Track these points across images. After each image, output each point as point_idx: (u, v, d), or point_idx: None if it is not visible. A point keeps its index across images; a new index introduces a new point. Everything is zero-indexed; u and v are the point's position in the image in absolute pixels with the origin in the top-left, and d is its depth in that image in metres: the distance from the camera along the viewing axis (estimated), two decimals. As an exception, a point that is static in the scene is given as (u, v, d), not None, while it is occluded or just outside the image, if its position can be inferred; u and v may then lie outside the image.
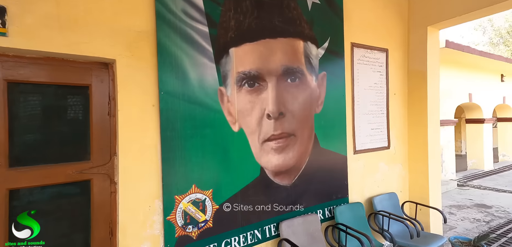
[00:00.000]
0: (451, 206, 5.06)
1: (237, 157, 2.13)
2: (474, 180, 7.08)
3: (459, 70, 7.52)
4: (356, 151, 2.91)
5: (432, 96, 3.19)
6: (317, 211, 2.59)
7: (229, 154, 2.10)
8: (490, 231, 3.49)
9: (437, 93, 3.24)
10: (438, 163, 3.25)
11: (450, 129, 7.25)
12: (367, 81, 3.02)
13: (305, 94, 2.50)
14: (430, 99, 3.17)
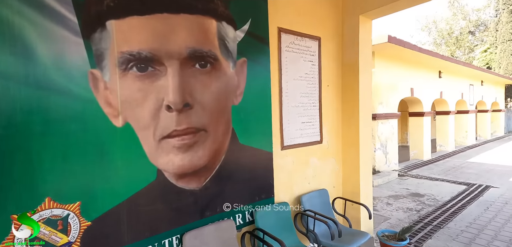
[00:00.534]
0: (390, 196, 5.25)
1: (121, 159, 1.71)
2: (414, 170, 7.57)
3: (403, 66, 7.94)
4: (284, 146, 2.68)
5: (363, 89, 3.10)
6: (235, 216, 2.29)
7: (108, 155, 1.66)
8: (413, 224, 3.60)
9: (369, 85, 3.16)
10: (369, 158, 3.19)
11: (394, 122, 7.64)
12: (297, 71, 2.80)
13: (220, 83, 2.16)
14: (361, 92, 3.07)
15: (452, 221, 3.96)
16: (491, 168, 7.33)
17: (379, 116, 7.06)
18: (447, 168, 7.57)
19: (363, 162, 3.11)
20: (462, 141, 11.93)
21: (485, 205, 4.57)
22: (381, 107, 7.18)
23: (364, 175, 3.13)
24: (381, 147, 7.22)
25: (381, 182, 6.15)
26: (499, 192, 5.26)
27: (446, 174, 6.88)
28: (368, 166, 3.19)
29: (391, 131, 7.53)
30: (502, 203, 4.63)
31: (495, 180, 6.18)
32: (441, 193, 5.35)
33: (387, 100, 7.37)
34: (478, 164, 8.02)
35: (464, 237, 3.46)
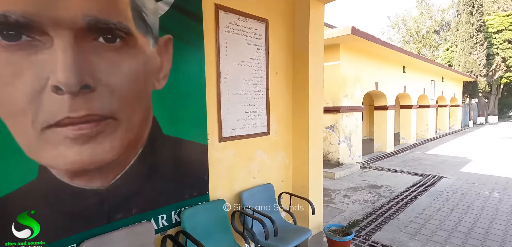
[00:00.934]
0: (349, 188, 5.26)
1: (-22, 153, 1.33)
2: (376, 162, 7.77)
3: (368, 59, 8.04)
4: (223, 138, 2.42)
5: (314, 78, 2.92)
6: (158, 218, 2.00)
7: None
8: (362, 218, 3.56)
9: (319, 75, 2.99)
10: (319, 151, 3.05)
11: (358, 115, 7.75)
12: (239, 55, 2.53)
13: (135, 63, 1.82)
14: (312, 82, 2.90)
15: (403, 212, 4.01)
16: (446, 160, 7.74)
17: (344, 109, 7.09)
18: (407, 160, 7.86)
19: (312, 155, 2.96)
20: (423, 134, 12.60)
21: (435, 195, 4.72)
22: (346, 100, 7.21)
23: (313, 169, 2.98)
24: (345, 139, 7.28)
25: (343, 174, 6.18)
26: (449, 182, 5.51)
27: (404, 166, 7.13)
28: (318, 159, 3.05)
29: (355, 124, 7.62)
30: (450, 193, 4.82)
31: (448, 170, 6.50)
32: (397, 184, 5.48)
33: (352, 93, 7.43)
34: (435, 155, 8.45)
35: (411, 228, 3.48)
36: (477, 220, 3.68)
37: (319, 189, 3.10)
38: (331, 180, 5.89)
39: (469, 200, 4.45)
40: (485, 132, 14.45)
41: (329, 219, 3.81)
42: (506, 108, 24.52)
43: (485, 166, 6.87)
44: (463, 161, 7.44)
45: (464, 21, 17.97)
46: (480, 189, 5.01)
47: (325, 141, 7.38)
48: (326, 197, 4.77)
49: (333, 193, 5.03)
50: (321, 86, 3.03)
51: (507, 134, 13.25)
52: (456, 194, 4.78)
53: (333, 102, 7.10)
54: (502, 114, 23.79)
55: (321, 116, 3.05)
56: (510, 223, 3.56)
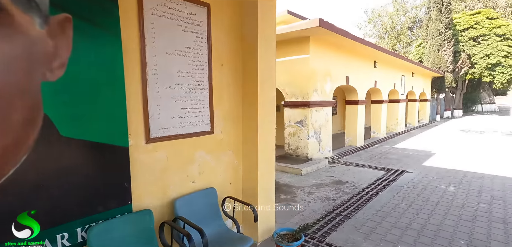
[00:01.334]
0: (313, 185, 5.16)
1: None
2: (345, 156, 7.80)
3: (338, 54, 7.97)
4: (152, 139, 2.10)
5: (264, 70, 2.66)
6: (55, 237, 1.66)
7: None
8: (310, 224, 3.35)
9: (270, 66, 2.74)
10: (271, 150, 2.83)
11: (328, 110, 7.70)
12: (173, 44, 2.19)
13: (9, 47, 1.43)
14: (261, 74, 2.64)
15: (362, 210, 3.95)
16: (411, 154, 7.95)
17: (313, 104, 6.97)
18: (375, 154, 7.98)
19: (262, 155, 2.73)
20: (393, 128, 12.99)
21: (395, 191, 4.74)
22: (316, 95, 7.10)
23: (264, 169, 2.76)
24: (315, 134, 7.20)
25: (310, 170, 6.09)
26: (411, 176, 5.60)
27: (371, 160, 7.20)
28: (269, 159, 2.83)
29: (325, 119, 7.57)
30: (410, 188, 4.87)
31: (411, 164, 6.64)
32: (361, 179, 5.47)
33: (322, 88, 7.33)
34: (401, 149, 8.67)
35: (367, 227, 3.41)
36: (431, 216, 3.69)
37: (271, 190, 2.89)
38: (298, 176, 5.77)
39: (426, 195, 4.50)
40: (450, 126, 15.26)
41: (286, 220, 3.64)
42: (470, 102, 26.21)
43: (445, 159, 7.12)
44: (426, 155, 7.67)
45: (434, 18, 18.68)
46: (438, 183, 5.12)
47: (294, 136, 7.26)
48: (288, 195, 4.62)
49: (297, 190, 4.89)
50: (273, 80, 2.79)
51: (468, 128, 14.06)
52: (415, 189, 4.84)
53: (303, 97, 6.96)
54: (466, 108, 25.39)
55: (273, 113, 2.82)
56: (460, 218, 3.60)
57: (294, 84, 7.11)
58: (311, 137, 7.05)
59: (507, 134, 11.56)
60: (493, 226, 3.38)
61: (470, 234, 3.18)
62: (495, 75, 18.76)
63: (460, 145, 9.33)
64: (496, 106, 30.37)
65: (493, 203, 4.11)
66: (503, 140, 10.22)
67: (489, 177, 5.45)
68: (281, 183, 5.34)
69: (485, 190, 4.67)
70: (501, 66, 18.45)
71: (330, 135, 7.84)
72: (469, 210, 3.88)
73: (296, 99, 7.09)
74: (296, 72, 7.05)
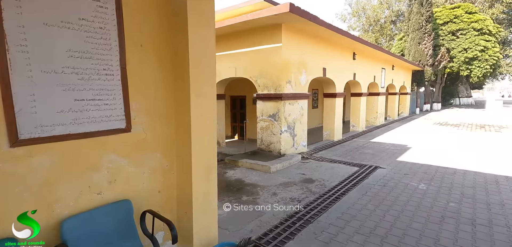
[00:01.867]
0: (280, 184, 4.79)
1: None
2: (321, 151, 7.51)
3: (315, 44, 7.59)
4: (21, 141, 1.58)
5: (198, 52, 2.19)
6: None
7: None
8: (252, 239, 2.84)
9: (209, 47, 2.26)
10: (210, 149, 2.37)
11: (303, 103, 7.34)
12: (55, 12, 1.66)
13: None
14: (194, 54, 2.16)
15: (326, 213, 3.61)
16: (387, 148, 7.78)
17: (286, 96, 6.57)
18: (350, 149, 7.74)
19: (199, 156, 2.27)
20: (373, 121, 12.91)
21: (365, 189, 4.46)
22: (289, 87, 6.70)
23: (200, 173, 2.31)
24: (289, 129, 6.84)
25: (280, 167, 5.72)
26: (384, 173, 5.36)
27: (346, 155, 6.95)
28: (208, 160, 2.38)
29: (300, 112, 7.21)
30: (381, 186, 4.60)
31: (386, 159, 6.43)
32: (332, 177, 5.17)
33: (296, 79, 6.94)
34: (378, 144, 8.51)
35: (327, 234, 3.06)
36: (397, 218, 3.41)
37: (211, 198, 2.45)
38: (266, 174, 5.38)
39: (396, 194, 4.24)
40: (428, 119, 15.45)
41: (241, 227, 3.24)
42: (449, 96, 26.92)
43: (420, 154, 6.98)
44: (402, 149, 7.52)
45: (415, 11, 18.74)
46: (410, 180, 4.90)
47: (266, 131, 6.86)
48: (251, 196, 4.22)
49: (262, 190, 4.50)
50: (212, 65, 2.31)
51: (444, 121, 14.26)
52: (386, 186, 4.58)
53: (275, 89, 6.54)
54: (445, 101, 26.06)
55: (212, 105, 2.35)
56: (428, 220, 3.34)
57: (266, 76, 6.67)
58: (284, 131, 6.68)
59: (480, 127, 11.76)
60: (460, 228, 3.13)
61: (436, 240, 2.90)
62: (472, 69, 19.19)
63: (436, 138, 9.30)
64: (472, 100, 31.47)
65: (462, 202, 3.90)
66: (477, 133, 10.33)
67: (461, 172, 5.30)
68: (246, 182, 4.93)
69: (456, 187, 4.48)
70: (477, 60, 18.88)
71: (305, 130, 7.51)
72: (438, 210, 3.64)
73: (268, 91, 6.67)
74: (268, 62, 6.60)
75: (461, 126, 12.07)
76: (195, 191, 2.29)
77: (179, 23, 2.17)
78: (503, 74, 28.58)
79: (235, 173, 5.50)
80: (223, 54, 7.45)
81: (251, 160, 5.97)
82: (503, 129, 11.07)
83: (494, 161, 6.17)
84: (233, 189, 4.58)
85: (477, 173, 5.25)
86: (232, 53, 7.25)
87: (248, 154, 6.65)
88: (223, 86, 8.08)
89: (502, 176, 5.03)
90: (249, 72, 7.00)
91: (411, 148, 7.67)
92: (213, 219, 2.49)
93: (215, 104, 2.40)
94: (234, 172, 5.57)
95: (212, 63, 2.32)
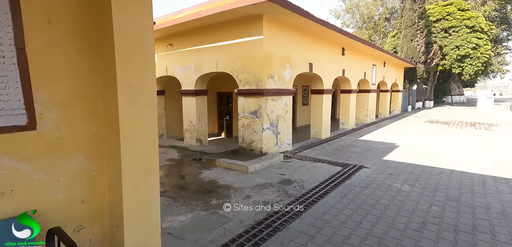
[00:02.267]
0: (256, 186, 4.45)
1: None
2: (306, 150, 7.20)
3: (300, 37, 7.23)
4: None
5: (127, 36, 1.82)
6: None
7: None
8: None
9: (142, 28, 1.89)
10: (150, 149, 2.01)
11: (288, 99, 7.00)
12: None
13: None
14: (121, 41, 1.79)
15: (299, 218, 3.29)
16: (374, 146, 7.51)
17: (268, 92, 6.23)
18: (337, 148, 7.45)
19: (131, 157, 1.91)
20: (363, 119, 12.66)
21: (345, 191, 4.15)
22: (272, 82, 6.35)
23: (134, 179, 1.94)
24: (271, 126, 6.50)
25: (259, 167, 5.38)
26: (367, 173, 5.07)
27: (331, 154, 6.65)
28: (147, 162, 2.02)
29: (284, 109, 6.87)
30: (362, 188, 4.30)
31: (371, 158, 6.15)
32: (313, 177, 4.86)
33: (280, 74, 6.59)
34: (366, 142, 8.24)
35: (295, 244, 2.74)
36: (375, 225, 3.10)
37: (150, 207, 2.09)
38: (243, 175, 5.04)
39: (377, 196, 3.94)
40: (420, 117, 15.29)
41: (203, 235, 2.90)
42: (441, 94, 26.91)
43: (407, 153, 6.73)
44: (389, 148, 7.26)
45: (408, 8, 18.52)
46: (394, 180, 4.61)
47: (248, 129, 6.51)
48: (221, 200, 3.87)
49: (235, 193, 4.16)
50: (147, 51, 1.94)
51: (435, 118, 14.11)
52: (368, 188, 4.28)
53: (256, 84, 6.18)
54: (437, 99, 26.04)
55: (150, 98, 1.98)
56: (408, 227, 3.04)
57: (248, 70, 6.31)
58: (266, 129, 6.33)
59: (471, 125, 11.61)
60: (442, 236, 2.84)
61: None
62: (464, 67, 19.10)
63: (425, 136, 9.08)
64: (464, 98, 31.62)
65: (446, 205, 3.62)
66: (467, 131, 10.16)
67: (448, 172, 5.04)
68: (220, 184, 4.59)
69: (440, 189, 4.21)
70: (469, 58, 18.79)
71: (290, 127, 7.18)
72: (419, 215, 3.35)
73: (250, 86, 6.31)
74: (249, 56, 6.23)
75: (451, 124, 11.91)
76: (127, 200, 1.92)
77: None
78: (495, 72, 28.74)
79: (210, 173, 5.15)
80: (204, 47, 7.06)
81: (229, 160, 5.62)
82: (493, 127, 10.93)
83: (482, 160, 5.93)
84: (203, 192, 4.23)
85: (464, 173, 4.99)
86: (213, 46, 6.87)
87: (228, 153, 6.30)
88: (206, 81, 7.70)
89: (489, 176, 4.78)
90: (231, 66, 6.62)
91: (399, 147, 7.42)
92: (154, 232, 2.13)
93: (154, 98, 2.03)
94: (210, 172, 5.22)
95: (149, 48, 1.95)
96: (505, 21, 24.79)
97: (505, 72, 28.45)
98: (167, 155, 6.75)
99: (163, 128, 9.26)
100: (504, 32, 25.89)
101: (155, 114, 2.03)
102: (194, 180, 4.77)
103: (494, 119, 13.73)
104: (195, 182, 4.69)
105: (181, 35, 7.52)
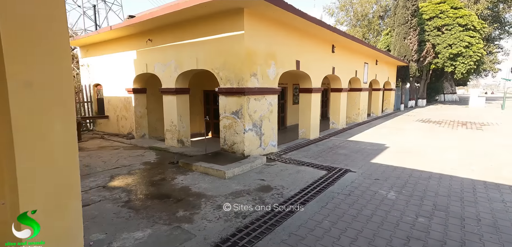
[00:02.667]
0: (231, 193, 4.10)
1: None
2: (292, 151, 6.87)
3: (286, 33, 6.86)
4: None
5: (21, 19, 1.43)
6: None
7: None
8: None
9: (49, 15, 1.50)
10: (66, 165, 1.64)
11: (273, 99, 6.65)
12: None
13: None
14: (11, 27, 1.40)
15: (270, 234, 2.95)
16: (363, 148, 7.22)
17: (251, 91, 5.86)
18: (324, 149, 7.14)
19: (35, 177, 1.53)
20: (354, 118, 12.40)
21: (326, 200, 3.83)
22: (255, 80, 5.99)
23: (45, 205, 1.57)
24: (254, 127, 6.14)
25: (238, 171, 5.03)
26: (353, 177, 4.76)
27: (318, 157, 6.33)
28: (63, 181, 1.64)
29: (268, 109, 6.52)
30: (345, 195, 3.99)
31: (359, 161, 5.85)
32: (295, 183, 4.53)
33: (264, 72, 6.23)
34: (355, 143, 7.95)
35: (261, 268, 2.40)
36: (354, 241, 2.78)
37: (72, 234, 1.72)
38: (220, 180, 4.68)
39: (360, 205, 3.63)
40: (412, 115, 15.11)
41: None
42: (434, 92, 26.91)
43: (395, 155, 6.45)
44: (378, 149, 6.98)
45: (401, 5, 18.31)
46: (380, 187, 4.31)
47: (230, 130, 6.14)
48: (188, 212, 3.51)
49: (206, 202, 3.80)
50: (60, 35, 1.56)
51: (427, 118, 13.94)
52: (351, 196, 3.97)
53: (238, 82, 5.81)
54: (430, 98, 26.03)
55: (64, 99, 1.61)
56: (390, 244, 2.72)
57: (228, 68, 5.93)
58: (248, 130, 5.98)
59: (462, 124, 11.45)
60: (427, 256, 2.54)
61: (396, 274, 2.29)
62: (456, 65, 19.02)
63: (416, 137, 8.85)
64: (457, 96, 31.75)
65: (434, 216, 3.33)
66: (458, 131, 9.97)
67: (437, 177, 4.77)
68: (192, 191, 4.22)
69: (428, 196, 3.92)
70: (462, 57, 18.70)
71: (276, 128, 6.84)
72: (404, 228, 3.04)
73: (231, 85, 5.93)
74: (230, 52, 5.85)
75: (443, 123, 11.73)
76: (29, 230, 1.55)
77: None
78: (487, 71, 28.87)
79: (184, 179, 4.78)
80: (184, 42, 6.65)
81: (206, 164, 5.25)
82: (484, 127, 10.78)
83: (472, 163, 5.69)
84: (172, 201, 3.86)
85: (454, 177, 4.73)
86: (193, 42, 6.46)
87: (207, 156, 5.93)
88: (187, 79, 7.29)
89: (480, 181, 4.52)
90: (211, 64, 6.23)
91: (389, 148, 7.15)
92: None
93: (70, 100, 1.65)
94: (184, 178, 4.84)
95: (60, 38, 1.57)
96: (497, 19, 24.83)
97: (497, 70, 28.60)
98: (143, 158, 6.34)
99: (145, 128, 8.83)
100: (496, 30, 25.97)
101: (72, 119, 1.65)
102: (164, 187, 4.40)
103: (486, 118, 13.62)
104: (165, 189, 4.32)
105: (160, 30, 7.10)
